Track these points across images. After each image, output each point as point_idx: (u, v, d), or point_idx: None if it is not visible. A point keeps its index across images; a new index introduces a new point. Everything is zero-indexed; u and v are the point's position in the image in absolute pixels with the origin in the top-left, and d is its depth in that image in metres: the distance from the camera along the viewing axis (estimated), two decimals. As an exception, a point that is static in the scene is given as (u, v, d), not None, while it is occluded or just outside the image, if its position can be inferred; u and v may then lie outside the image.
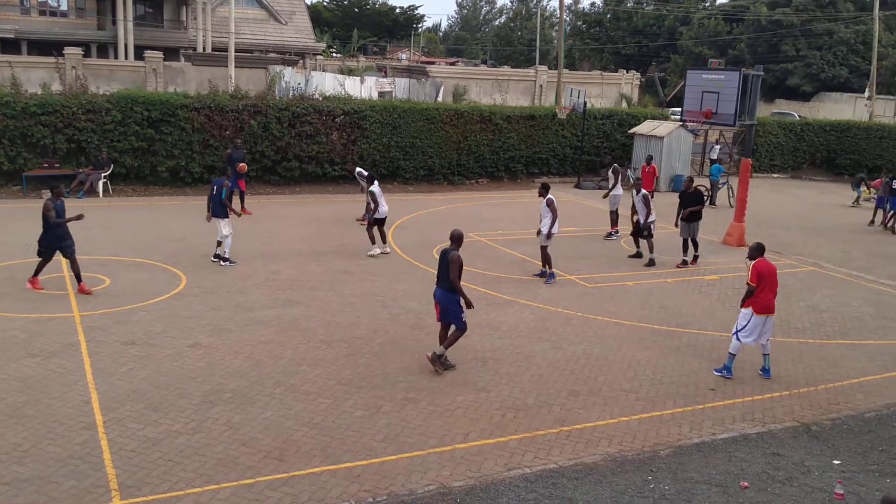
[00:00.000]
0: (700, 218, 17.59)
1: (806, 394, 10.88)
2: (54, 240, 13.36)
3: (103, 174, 22.47)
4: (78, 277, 13.50)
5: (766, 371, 11.36)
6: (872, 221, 24.66)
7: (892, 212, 23.78)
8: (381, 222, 17.36)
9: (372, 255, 17.12)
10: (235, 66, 31.37)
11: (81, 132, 22.49)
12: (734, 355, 11.26)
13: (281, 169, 25.10)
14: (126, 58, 42.40)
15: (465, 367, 11.08)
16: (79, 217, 13.53)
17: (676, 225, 17.70)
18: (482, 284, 15.20)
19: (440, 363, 10.86)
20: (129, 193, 23.07)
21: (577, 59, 77.46)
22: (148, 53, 34.76)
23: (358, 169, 21.37)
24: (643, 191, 17.64)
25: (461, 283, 10.71)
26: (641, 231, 17.56)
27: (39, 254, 13.50)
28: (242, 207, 20.64)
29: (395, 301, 14.04)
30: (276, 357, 11.14)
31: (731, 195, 26.37)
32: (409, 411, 9.63)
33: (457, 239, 10.92)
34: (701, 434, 9.50)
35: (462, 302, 10.63)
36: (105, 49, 46.62)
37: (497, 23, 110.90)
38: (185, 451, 8.39)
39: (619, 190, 20.70)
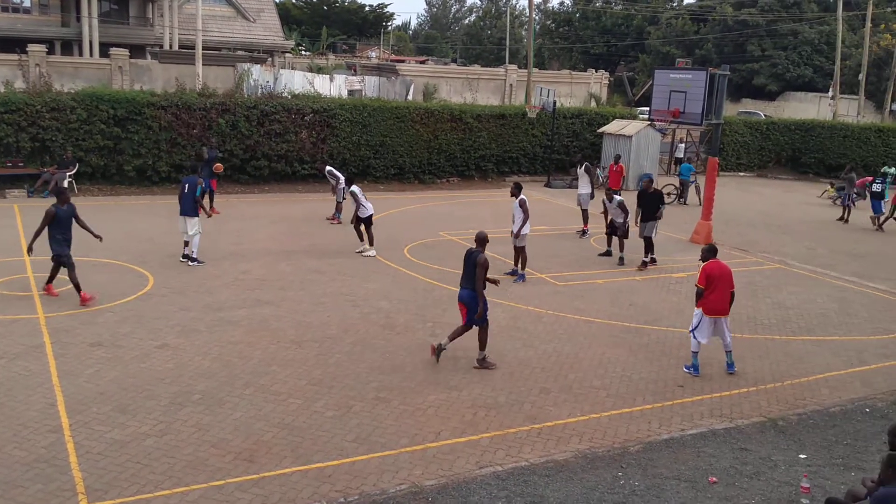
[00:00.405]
0: (658, 219, 17.57)
1: (772, 389, 11.03)
2: (61, 246, 12.91)
3: (68, 173, 22.11)
4: (51, 279, 13.25)
5: (730, 366, 11.47)
6: (842, 218, 25.16)
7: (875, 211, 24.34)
8: (367, 222, 17.17)
9: (365, 254, 16.97)
10: (203, 64, 31.09)
11: (46, 131, 22.15)
12: (696, 353, 11.35)
13: (250, 168, 24.91)
14: (91, 55, 41.79)
15: (437, 366, 11.08)
16: (98, 237, 13.59)
17: (636, 224, 17.60)
18: (454, 283, 15.17)
19: (486, 364, 11.09)
20: (94, 193, 22.75)
21: (546, 59, 77.76)
22: (113, 51, 34.30)
23: (328, 168, 21.26)
24: (616, 197, 17.41)
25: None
26: (616, 230, 17.55)
27: (64, 266, 13.02)
28: (211, 207, 20.43)
29: (366, 300, 14.00)
30: (246, 358, 11.06)
31: (699, 194, 26.68)
32: (381, 411, 9.61)
33: (482, 241, 11.33)
34: (670, 430, 9.59)
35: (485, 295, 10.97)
36: (69, 46, 45.90)
37: (467, 21, 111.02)
38: (154, 453, 8.30)
39: (589, 188, 20.78)
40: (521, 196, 15.72)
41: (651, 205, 17.38)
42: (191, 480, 7.82)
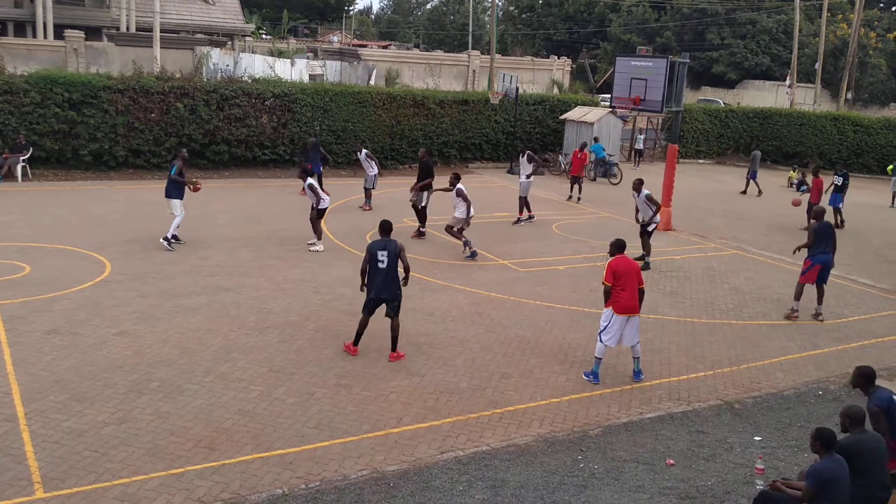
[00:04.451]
0: (429, 188, 18.00)
1: (729, 373, 11.24)
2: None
3: (21, 158, 21.65)
4: (394, 344, 10.91)
5: (637, 374, 10.75)
6: (744, 191, 27.87)
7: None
8: (321, 214, 16.63)
9: (313, 248, 16.58)
10: (161, 47, 30.59)
11: (-3, 114, 21.63)
12: (600, 359, 10.56)
13: (209, 153, 24.58)
14: (45, 37, 40.81)
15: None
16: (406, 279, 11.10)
17: (415, 193, 18.11)
18: (417, 269, 15.14)
19: (822, 317, 13.85)
20: (49, 178, 22.28)
21: (509, 45, 77.80)
22: (68, 33, 33.56)
23: (365, 151, 21.17)
24: (645, 191, 16.21)
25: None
26: (645, 229, 16.41)
27: (388, 316, 10.86)
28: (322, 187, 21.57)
29: (328, 287, 13.94)
30: (206, 345, 10.96)
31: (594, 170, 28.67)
32: (343, 397, 9.60)
33: (822, 214, 14.16)
34: (629, 414, 9.72)
35: None
36: (23, 28, 44.77)
37: (429, 6, 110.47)
38: (112, 441, 8.20)
39: (531, 178, 20.50)
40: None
41: (422, 176, 18.06)
42: (150, 469, 7.75)
